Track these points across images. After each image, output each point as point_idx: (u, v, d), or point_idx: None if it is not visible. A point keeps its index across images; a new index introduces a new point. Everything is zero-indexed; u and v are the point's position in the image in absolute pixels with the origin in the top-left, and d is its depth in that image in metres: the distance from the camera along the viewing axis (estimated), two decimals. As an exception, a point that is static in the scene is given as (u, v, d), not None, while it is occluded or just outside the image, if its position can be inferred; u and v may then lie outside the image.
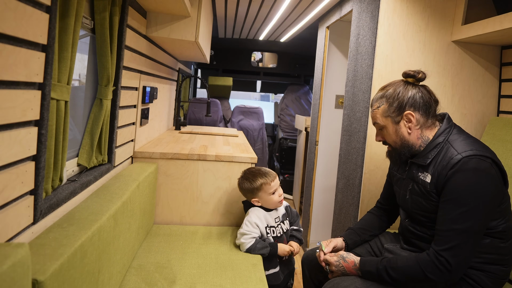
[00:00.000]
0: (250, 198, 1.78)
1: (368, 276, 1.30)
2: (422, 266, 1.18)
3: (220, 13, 3.09)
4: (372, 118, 1.38)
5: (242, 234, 1.72)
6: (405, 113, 1.28)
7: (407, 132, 1.30)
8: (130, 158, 1.95)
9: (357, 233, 1.57)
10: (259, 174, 1.76)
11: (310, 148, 2.97)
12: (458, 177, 1.17)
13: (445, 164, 1.21)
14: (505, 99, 1.88)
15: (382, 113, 1.32)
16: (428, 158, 1.27)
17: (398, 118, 1.30)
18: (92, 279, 1.05)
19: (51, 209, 1.09)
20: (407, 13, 1.83)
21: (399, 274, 1.22)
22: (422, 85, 1.33)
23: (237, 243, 1.74)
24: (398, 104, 1.29)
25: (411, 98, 1.28)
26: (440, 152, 1.25)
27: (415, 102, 1.28)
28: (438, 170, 1.22)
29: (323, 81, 2.79)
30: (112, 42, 1.46)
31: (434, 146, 1.27)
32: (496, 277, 1.23)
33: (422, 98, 1.28)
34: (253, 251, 1.68)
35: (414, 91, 1.29)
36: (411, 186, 1.34)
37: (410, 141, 1.31)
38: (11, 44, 0.81)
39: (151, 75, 2.27)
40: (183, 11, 1.96)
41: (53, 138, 1.07)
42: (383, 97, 1.32)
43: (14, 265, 0.67)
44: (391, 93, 1.31)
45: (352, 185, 2.01)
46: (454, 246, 1.14)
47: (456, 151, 1.20)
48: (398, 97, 1.29)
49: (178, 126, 3.15)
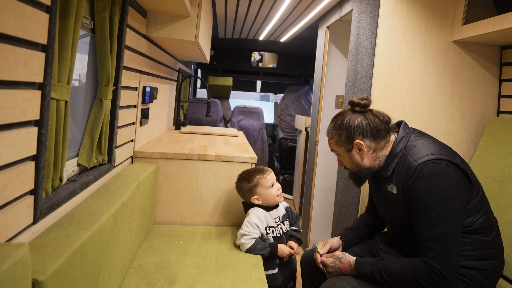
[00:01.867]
0: (250, 197, 1.78)
1: (363, 277, 1.31)
2: (416, 274, 1.19)
3: (220, 13, 3.09)
4: (330, 146, 1.42)
5: (242, 235, 1.72)
6: (355, 142, 1.32)
7: (361, 158, 1.34)
8: (130, 158, 1.95)
9: (353, 231, 1.59)
10: (254, 171, 1.80)
11: (310, 148, 2.97)
12: (418, 184, 1.19)
13: (404, 173, 1.24)
14: (505, 99, 1.88)
15: (335, 143, 1.37)
16: (389, 170, 1.31)
17: (349, 146, 1.34)
18: (92, 279, 1.05)
19: (51, 209, 1.09)
20: (407, 13, 1.83)
21: (393, 278, 1.24)
22: (369, 110, 1.35)
23: (237, 243, 1.74)
24: (347, 134, 1.32)
25: (357, 126, 1.31)
26: (400, 162, 1.28)
27: (362, 130, 1.31)
28: (402, 181, 1.25)
29: (323, 81, 2.79)
30: (112, 42, 1.46)
31: (394, 157, 1.30)
32: (489, 272, 1.24)
33: (368, 125, 1.31)
34: (253, 251, 1.68)
35: (360, 119, 1.32)
36: (384, 199, 1.37)
37: (365, 165, 1.34)
38: (11, 44, 0.81)
39: (151, 75, 2.27)
40: (183, 11, 1.96)
41: (53, 138, 1.07)
42: (334, 128, 1.36)
43: (14, 265, 0.67)
44: (339, 124, 1.34)
45: (352, 185, 2.01)
46: (438, 254, 1.16)
47: (412, 158, 1.23)
48: (346, 128, 1.32)
49: (178, 126, 3.15)
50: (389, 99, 1.85)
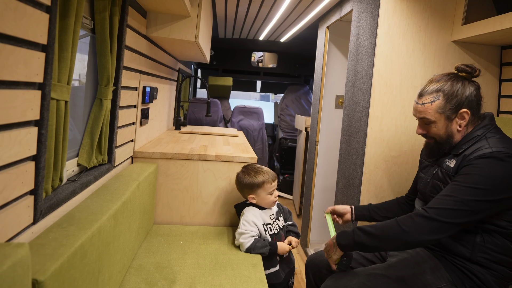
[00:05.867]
0: (247, 194, 1.78)
1: (343, 238, 1.28)
2: (399, 221, 1.17)
3: (220, 13, 3.09)
4: (420, 111, 1.31)
5: (240, 234, 1.72)
6: (461, 111, 1.26)
7: (457, 129, 1.29)
8: (130, 158, 1.95)
9: (369, 208, 1.58)
10: (261, 171, 1.78)
11: (310, 148, 2.97)
12: (479, 162, 1.16)
13: (471, 152, 1.21)
14: (505, 99, 1.88)
15: (437, 108, 1.28)
16: (461, 148, 1.27)
17: (454, 115, 1.27)
18: (92, 279, 1.05)
19: (51, 209, 1.09)
20: (407, 13, 1.83)
21: (376, 229, 1.21)
22: (477, 83, 1.30)
23: (237, 243, 1.74)
24: (457, 102, 1.25)
25: (469, 97, 1.26)
26: (474, 145, 1.24)
27: (471, 101, 1.26)
28: (466, 158, 1.22)
29: (323, 81, 2.79)
30: (112, 42, 1.46)
31: (471, 139, 1.26)
32: (501, 277, 1.23)
33: (476, 97, 1.27)
34: (253, 250, 1.68)
35: (471, 89, 1.26)
36: (435, 171, 1.34)
37: (455, 137, 1.30)
38: (11, 44, 0.81)
39: (151, 75, 2.27)
40: (183, 11, 1.96)
41: (53, 138, 1.07)
42: (439, 91, 1.27)
43: (14, 265, 0.67)
44: (449, 89, 1.26)
45: (352, 185, 2.01)
46: (445, 209, 1.14)
47: (488, 144, 1.20)
48: (457, 94, 1.25)
49: (178, 126, 3.15)
50: (389, 99, 1.85)
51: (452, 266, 1.26)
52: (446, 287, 1.23)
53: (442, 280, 1.24)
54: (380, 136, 1.86)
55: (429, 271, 1.27)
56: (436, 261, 1.29)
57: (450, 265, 1.27)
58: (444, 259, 1.29)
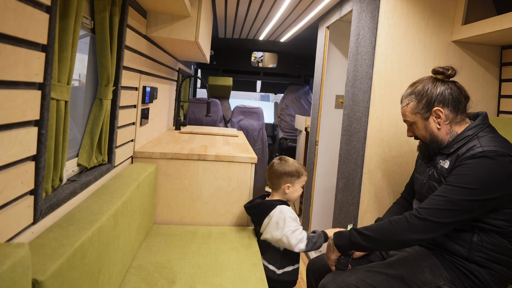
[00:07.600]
0: (283, 181, 1.69)
1: (340, 238, 1.33)
2: (392, 221, 1.20)
3: (220, 13, 3.09)
4: (402, 115, 1.41)
5: (292, 231, 1.56)
6: (434, 109, 1.31)
7: (437, 127, 1.33)
8: (130, 158, 1.95)
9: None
10: (303, 166, 1.76)
11: (310, 148, 2.97)
12: (470, 162, 1.18)
13: (464, 152, 1.23)
14: (505, 99, 1.88)
15: (412, 110, 1.36)
16: (453, 148, 1.29)
17: (427, 114, 1.33)
18: (92, 279, 1.05)
19: (51, 209, 1.09)
20: (407, 13, 1.83)
21: (372, 229, 1.25)
22: (452, 81, 1.34)
23: (288, 245, 1.58)
24: (427, 101, 1.31)
25: (439, 94, 1.30)
26: (466, 144, 1.26)
27: (444, 98, 1.30)
28: (459, 158, 1.24)
29: (323, 81, 2.79)
30: (112, 42, 1.46)
31: (462, 138, 1.28)
32: (499, 277, 1.23)
33: (451, 95, 1.30)
34: (315, 243, 1.57)
35: (442, 87, 1.31)
36: (431, 172, 1.36)
37: (439, 136, 1.33)
38: (11, 44, 0.81)
39: (151, 75, 2.27)
40: (183, 11, 1.96)
41: (53, 138, 1.07)
42: (412, 94, 1.35)
43: (14, 265, 0.67)
44: (420, 90, 1.33)
45: (352, 185, 2.01)
46: (436, 209, 1.16)
47: (480, 144, 1.21)
48: (426, 94, 1.31)
49: (178, 126, 3.15)
50: (389, 99, 1.85)
51: (451, 265, 1.26)
52: (445, 285, 1.24)
53: (441, 279, 1.24)
54: (380, 136, 1.86)
55: (428, 269, 1.27)
56: (435, 260, 1.30)
57: (449, 264, 1.27)
58: (443, 258, 1.29)
